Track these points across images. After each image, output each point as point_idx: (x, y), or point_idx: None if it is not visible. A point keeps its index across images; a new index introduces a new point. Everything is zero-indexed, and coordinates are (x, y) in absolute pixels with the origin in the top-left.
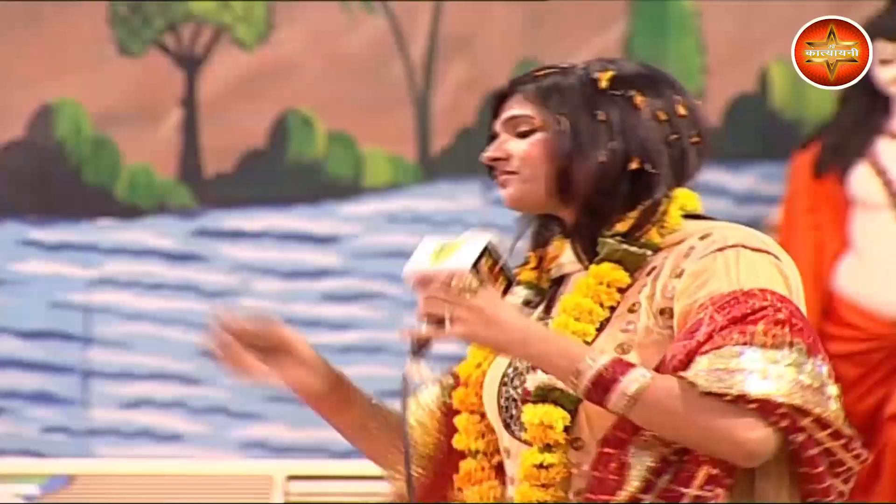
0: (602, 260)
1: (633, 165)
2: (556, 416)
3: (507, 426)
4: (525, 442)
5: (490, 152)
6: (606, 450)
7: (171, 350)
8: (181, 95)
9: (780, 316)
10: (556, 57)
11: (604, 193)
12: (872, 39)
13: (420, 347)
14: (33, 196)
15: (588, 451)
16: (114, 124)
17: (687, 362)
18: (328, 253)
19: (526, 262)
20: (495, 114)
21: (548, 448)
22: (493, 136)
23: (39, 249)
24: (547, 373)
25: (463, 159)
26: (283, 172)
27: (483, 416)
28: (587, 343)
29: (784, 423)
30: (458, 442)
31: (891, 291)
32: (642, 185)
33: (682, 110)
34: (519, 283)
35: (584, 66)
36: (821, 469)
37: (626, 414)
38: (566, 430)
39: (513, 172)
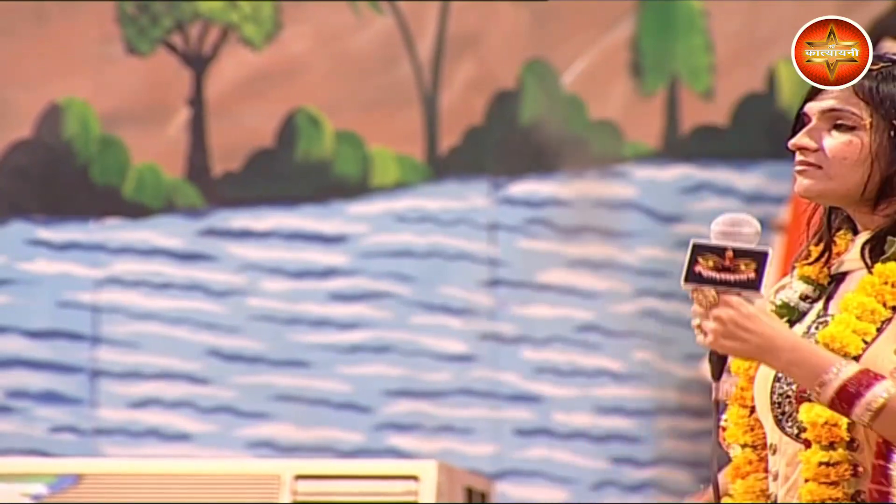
0: (889, 259)
1: None
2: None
3: (777, 422)
4: (796, 439)
5: (800, 140)
6: (879, 461)
7: (179, 349)
8: (189, 95)
9: None
10: (562, 57)
11: None
12: (879, 39)
13: (714, 364)
14: (41, 195)
15: (863, 452)
16: (121, 124)
17: None
18: (336, 252)
19: (807, 256)
20: (811, 97)
21: (831, 446)
22: (799, 117)
23: (47, 249)
24: (793, 379)
25: (470, 158)
26: (291, 172)
27: (752, 410)
28: (866, 343)
29: None
30: (729, 435)
31: None
32: None
33: None
34: (799, 277)
35: None
36: None
37: (870, 426)
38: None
39: (817, 166)
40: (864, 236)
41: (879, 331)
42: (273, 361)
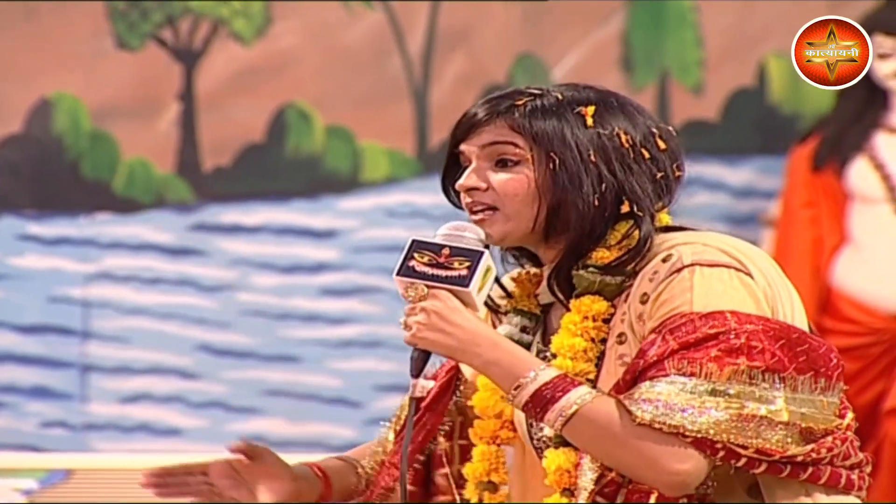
0: (581, 294)
1: (625, 209)
2: (574, 461)
3: (529, 426)
4: (534, 446)
5: (467, 181)
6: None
7: (170, 344)
8: (179, 89)
9: (736, 342)
10: (554, 51)
11: (593, 234)
12: (871, 34)
13: (416, 361)
14: (31, 190)
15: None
16: (112, 118)
17: (632, 382)
18: (326, 247)
19: (509, 291)
20: (463, 136)
21: (571, 492)
22: (454, 159)
23: (37, 244)
24: (490, 380)
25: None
26: (282, 166)
27: (499, 446)
28: (591, 381)
29: (720, 455)
30: (474, 472)
31: (889, 285)
32: (627, 223)
33: (661, 144)
34: (509, 311)
35: (561, 95)
36: (787, 471)
37: (560, 431)
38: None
39: (492, 207)
40: (546, 270)
41: (598, 367)
42: (264, 356)
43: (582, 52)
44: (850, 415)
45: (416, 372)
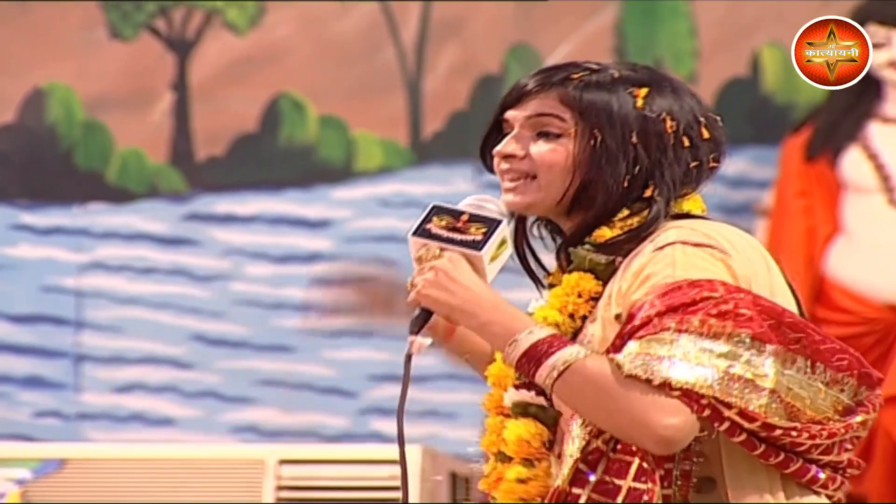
0: (573, 269)
1: (647, 194)
2: (535, 432)
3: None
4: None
5: (506, 147)
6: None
7: (163, 334)
8: (172, 79)
9: (725, 307)
10: (547, 41)
11: (611, 213)
12: (864, 24)
13: (418, 318)
14: (25, 180)
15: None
16: (105, 108)
17: (621, 345)
18: (320, 237)
19: (549, 268)
20: (512, 104)
21: (530, 462)
22: (498, 126)
23: (31, 234)
24: (489, 343)
25: (455, 143)
26: (275, 156)
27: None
28: None
29: (706, 413)
30: (486, 443)
31: (882, 275)
32: (641, 205)
33: (705, 132)
34: (545, 287)
35: (618, 73)
36: (761, 450)
37: (549, 388)
38: (551, 444)
39: (527, 175)
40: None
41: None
42: (257, 346)
43: (575, 43)
44: (858, 418)
45: (416, 329)
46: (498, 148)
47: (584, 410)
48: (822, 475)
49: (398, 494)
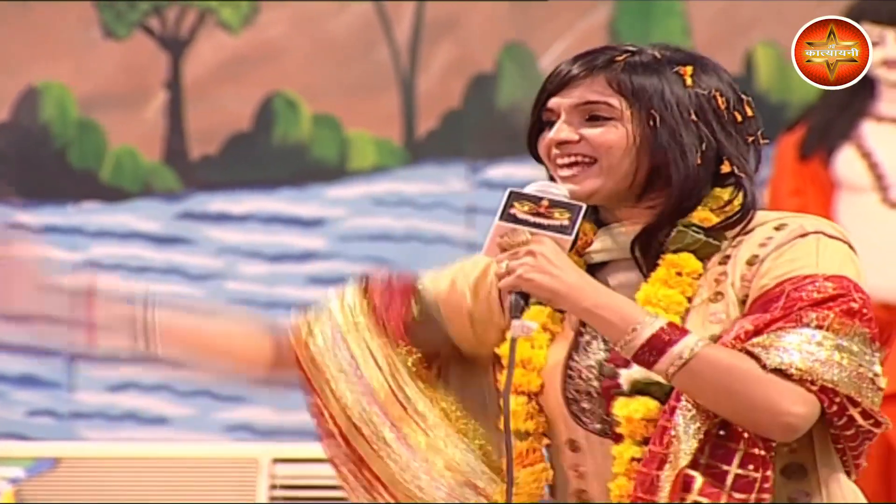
0: (679, 249)
1: (725, 169)
2: (653, 409)
3: (577, 419)
4: (603, 435)
5: (559, 134)
6: (663, 422)
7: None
8: (166, 78)
9: (854, 305)
10: (541, 40)
11: (694, 194)
12: (858, 22)
13: (516, 302)
14: (19, 179)
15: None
16: (99, 107)
17: (755, 334)
18: (314, 236)
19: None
20: (555, 92)
21: (645, 442)
22: (539, 116)
23: (25, 232)
24: (595, 327)
25: (448, 142)
26: (269, 155)
27: (531, 397)
28: None
29: (833, 409)
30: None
31: (876, 274)
32: (729, 186)
33: (748, 110)
34: None
35: (659, 54)
36: (857, 441)
37: (670, 378)
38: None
39: (587, 160)
40: (616, 229)
41: (683, 321)
42: None
43: (569, 41)
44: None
45: (518, 313)
46: (550, 135)
47: (708, 398)
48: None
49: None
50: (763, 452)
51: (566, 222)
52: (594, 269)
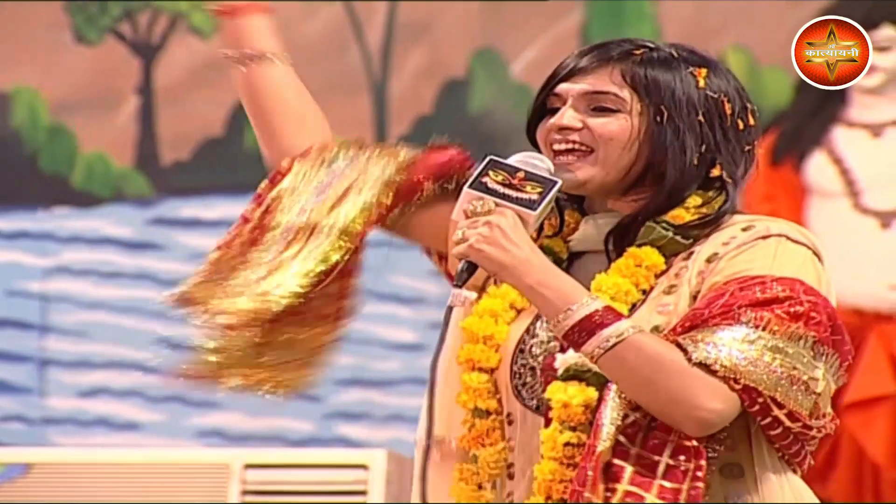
0: (644, 244)
1: (715, 172)
2: (592, 397)
3: (517, 392)
4: (535, 411)
5: (563, 119)
6: (598, 415)
7: (128, 338)
8: (138, 83)
9: (800, 308)
10: (513, 45)
11: (681, 193)
12: (878, 24)
13: (464, 271)
14: None
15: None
16: (70, 112)
17: (690, 328)
18: None
19: (541, 230)
20: (565, 79)
21: (575, 428)
22: (544, 102)
23: None
24: (536, 305)
25: (420, 147)
26: (241, 160)
27: (490, 373)
28: None
29: (755, 408)
30: (466, 401)
31: (847, 279)
32: (713, 188)
33: (751, 119)
34: (543, 249)
35: (676, 52)
36: (787, 441)
37: (595, 360)
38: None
39: (584, 149)
40: (601, 219)
41: (631, 311)
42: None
43: (541, 47)
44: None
45: (461, 283)
46: (553, 120)
47: (630, 385)
48: (810, 462)
49: (363, 499)
50: (695, 444)
51: (535, 196)
52: (574, 258)
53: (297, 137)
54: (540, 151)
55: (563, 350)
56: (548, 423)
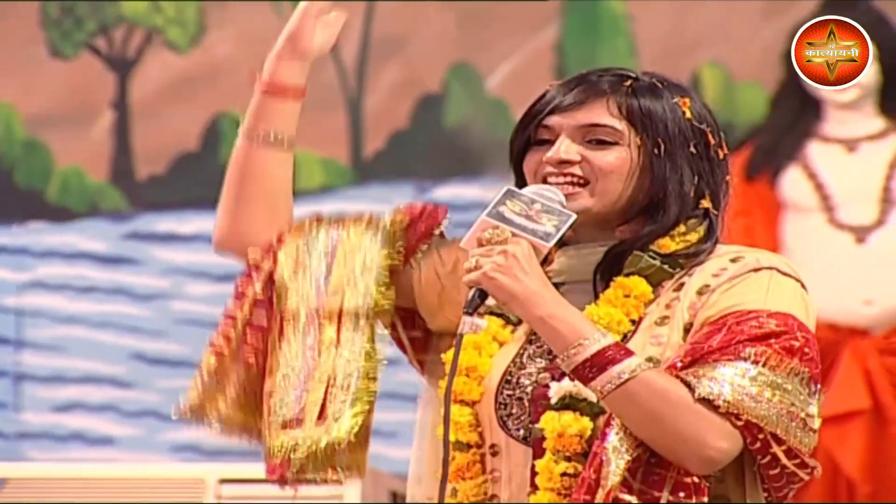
0: (632, 273)
1: (705, 204)
2: (587, 427)
3: (503, 423)
4: (524, 442)
5: (562, 154)
6: (595, 448)
7: (103, 353)
8: (113, 98)
9: (795, 343)
10: (488, 61)
11: (673, 224)
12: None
13: (475, 298)
14: None
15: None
16: (45, 127)
17: (691, 363)
18: None
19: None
20: (554, 112)
21: (576, 457)
22: (529, 135)
23: None
24: (545, 337)
25: (395, 162)
26: (216, 175)
27: (472, 406)
28: None
29: (756, 445)
30: (452, 432)
31: (822, 295)
32: (697, 218)
33: (725, 149)
34: None
35: (658, 81)
36: (781, 482)
37: (604, 396)
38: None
39: (580, 181)
40: (584, 249)
41: (623, 341)
42: (197, 365)
43: (516, 61)
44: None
45: (472, 310)
46: (549, 154)
47: (636, 421)
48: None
49: None
50: (696, 480)
51: (551, 229)
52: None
53: (263, 229)
54: (524, 181)
55: (555, 380)
56: (541, 453)
